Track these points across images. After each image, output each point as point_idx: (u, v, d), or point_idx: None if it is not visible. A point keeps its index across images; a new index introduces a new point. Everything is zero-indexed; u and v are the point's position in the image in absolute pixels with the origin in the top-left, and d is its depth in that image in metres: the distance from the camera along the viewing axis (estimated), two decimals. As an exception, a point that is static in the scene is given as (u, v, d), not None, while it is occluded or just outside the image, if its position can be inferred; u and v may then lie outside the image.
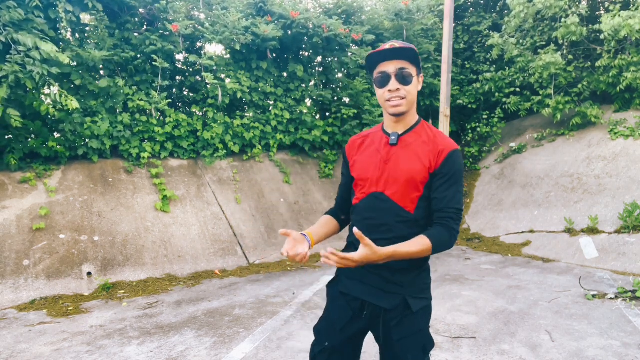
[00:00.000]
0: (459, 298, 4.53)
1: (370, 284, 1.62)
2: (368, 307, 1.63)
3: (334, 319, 1.68)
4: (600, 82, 7.89)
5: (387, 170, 1.59)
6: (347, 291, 1.67)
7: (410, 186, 1.57)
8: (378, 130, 1.72)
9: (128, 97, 6.24)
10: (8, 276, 4.56)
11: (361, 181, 1.66)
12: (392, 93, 1.54)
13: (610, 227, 6.12)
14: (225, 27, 6.83)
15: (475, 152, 9.85)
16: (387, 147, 1.62)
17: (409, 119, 1.64)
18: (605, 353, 3.19)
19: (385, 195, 1.59)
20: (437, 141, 1.60)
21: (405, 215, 1.58)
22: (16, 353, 3.31)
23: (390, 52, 1.52)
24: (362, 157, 1.68)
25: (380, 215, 1.60)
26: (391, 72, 1.53)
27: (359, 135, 1.78)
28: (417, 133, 1.63)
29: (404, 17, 9.19)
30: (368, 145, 1.70)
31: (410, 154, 1.59)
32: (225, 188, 6.82)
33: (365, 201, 1.64)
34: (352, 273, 1.66)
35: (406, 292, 1.61)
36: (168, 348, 3.37)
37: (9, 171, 5.46)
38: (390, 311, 1.60)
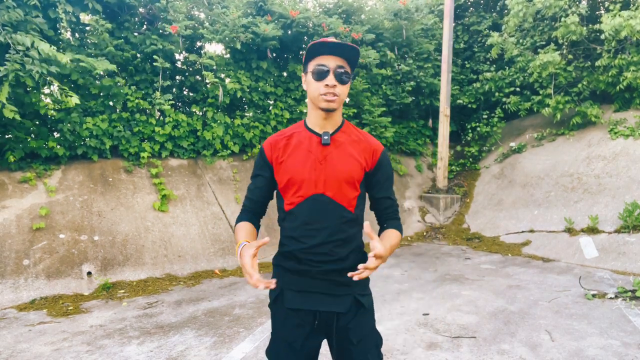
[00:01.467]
0: (459, 298, 4.53)
1: (318, 291, 1.57)
2: (320, 316, 1.57)
3: (290, 339, 1.58)
4: (600, 81, 7.89)
5: (323, 170, 1.55)
6: (295, 306, 1.58)
7: (349, 186, 1.56)
8: (301, 130, 1.63)
9: (127, 96, 6.24)
10: (8, 276, 4.56)
11: (294, 184, 1.56)
12: (328, 88, 1.50)
13: (610, 227, 6.12)
14: (225, 26, 6.83)
15: (475, 152, 9.86)
16: (319, 147, 1.57)
17: (336, 118, 1.61)
18: (605, 353, 3.19)
19: (327, 197, 1.54)
20: (367, 140, 1.63)
21: (347, 215, 1.56)
22: (16, 353, 3.31)
23: (335, 46, 1.49)
24: (292, 159, 1.58)
25: (323, 218, 1.54)
26: (331, 67, 1.50)
27: (280, 135, 1.65)
28: (345, 132, 1.62)
29: (403, 16, 9.19)
30: (295, 145, 1.60)
31: (345, 154, 1.57)
32: (225, 188, 6.82)
33: (305, 204, 1.55)
34: (296, 285, 1.58)
35: (355, 291, 1.59)
36: (168, 348, 3.37)
37: (9, 171, 5.46)
38: (344, 314, 1.57)
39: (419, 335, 3.56)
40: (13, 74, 4.58)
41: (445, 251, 6.87)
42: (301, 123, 1.66)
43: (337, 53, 1.50)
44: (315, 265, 1.55)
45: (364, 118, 8.30)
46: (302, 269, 1.57)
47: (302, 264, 1.57)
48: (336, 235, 1.54)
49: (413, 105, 9.86)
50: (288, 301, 1.59)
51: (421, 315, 4.03)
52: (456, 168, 9.84)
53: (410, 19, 9.34)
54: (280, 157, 1.60)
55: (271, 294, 1.64)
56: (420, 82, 9.40)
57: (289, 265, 1.61)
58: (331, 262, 1.55)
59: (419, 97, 9.82)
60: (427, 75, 9.48)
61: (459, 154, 10.31)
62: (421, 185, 9.39)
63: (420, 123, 10.22)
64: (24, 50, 4.65)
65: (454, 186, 9.24)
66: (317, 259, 1.54)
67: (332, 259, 1.54)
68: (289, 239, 1.60)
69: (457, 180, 9.42)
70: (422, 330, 3.67)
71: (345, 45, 1.49)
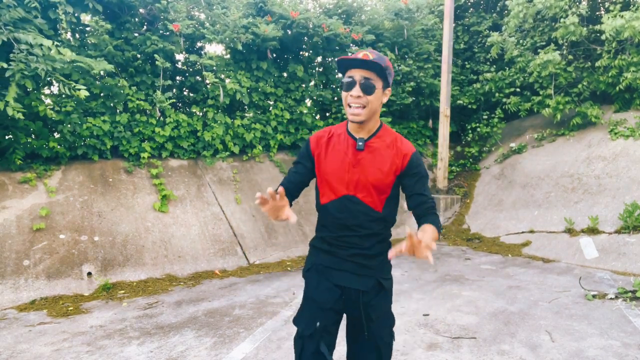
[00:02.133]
0: (459, 298, 4.53)
1: (346, 270, 1.77)
2: (345, 291, 1.77)
3: (321, 300, 1.77)
4: (600, 82, 7.89)
5: (356, 174, 1.72)
6: (326, 278, 1.79)
7: (378, 189, 1.73)
8: (342, 131, 1.79)
9: (128, 97, 6.24)
10: (8, 276, 4.56)
11: (329, 183, 1.75)
12: (354, 99, 1.64)
13: (611, 227, 6.12)
14: (225, 27, 6.83)
15: (475, 152, 9.85)
16: (354, 152, 1.73)
17: (371, 125, 1.75)
18: (605, 353, 3.19)
19: (357, 198, 1.72)
20: (399, 145, 1.77)
21: (374, 214, 1.74)
22: (16, 353, 3.31)
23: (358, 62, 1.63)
24: (330, 158, 1.76)
25: (352, 216, 1.73)
26: (357, 79, 1.64)
27: (324, 131, 1.83)
28: (380, 138, 1.76)
29: (404, 16, 9.19)
30: (334, 144, 1.77)
31: (377, 159, 1.73)
32: (226, 188, 6.82)
33: (337, 203, 1.75)
34: (328, 262, 1.80)
35: (377, 275, 1.79)
36: (168, 348, 3.37)
37: (9, 171, 5.46)
38: (366, 292, 1.76)
39: (419, 336, 3.56)
40: (19, 74, 4.59)
41: (446, 252, 6.87)
42: (344, 124, 1.83)
43: (361, 65, 1.63)
44: (343, 250, 1.77)
45: (364, 118, 8.29)
46: (332, 250, 1.80)
47: (333, 247, 1.80)
48: (363, 231, 1.74)
49: (413, 105, 9.86)
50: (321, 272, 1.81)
51: (421, 316, 4.03)
52: (456, 168, 9.84)
53: (411, 19, 9.34)
54: (321, 153, 1.79)
55: (307, 264, 1.89)
56: (420, 83, 9.40)
57: (321, 246, 1.84)
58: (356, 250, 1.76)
59: (419, 97, 9.82)
60: (427, 75, 9.48)
61: (459, 154, 10.31)
62: (421, 185, 9.38)
63: (421, 123, 10.22)
64: (27, 48, 4.66)
65: (454, 187, 9.24)
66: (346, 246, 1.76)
67: (357, 248, 1.76)
68: (322, 227, 1.83)
69: (457, 181, 9.42)
70: (422, 331, 3.67)
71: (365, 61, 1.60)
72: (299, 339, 1.80)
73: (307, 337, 1.76)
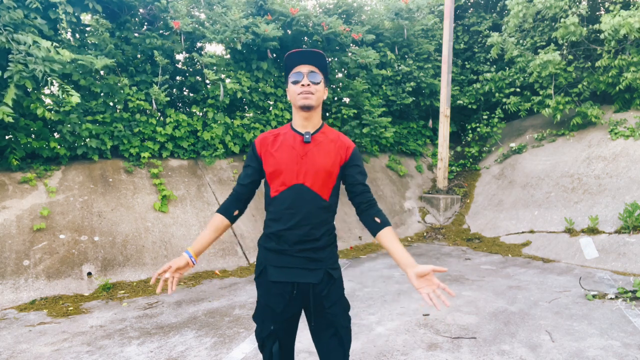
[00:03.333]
0: (459, 298, 4.53)
1: (295, 266, 1.85)
2: (297, 287, 1.85)
3: (273, 305, 1.86)
4: (600, 82, 7.89)
5: (304, 164, 1.83)
6: (276, 279, 1.85)
7: (325, 177, 1.84)
8: (287, 130, 1.92)
9: (128, 96, 6.24)
10: (8, 276, 4.56)
11: (278, 175, 1.84)
12: (304, 87, 1.80)
13: (611, 227, 6.12)
14: (225, 26, 6.83)
15: (475, 153, 9.86)
16: (302, 145, 1.86)
17: (316, 120, 1.90)
18: (606, 353, 3.19)
19: (306, 186, 1.83)
20: (341, 139, 1.93)
21: (322, 202, 1.85)
22: (16, 353, 3.31)
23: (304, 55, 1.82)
24: (278, 153, 1.86)
25: (302, 204, 1.82)
26: (304, 72, 1.82)
27: (269, 133, 1.95)
28: (324, 133, 1.91)
29: (404, 16, 9.19)
30: (281, 142, 1.89)
31: (323, 151, 1.87)
32: (226, 188, 6.82)
33: (287, 192, 1.83)
34: (277, 262, 1.87)
35: (326, 266, 1.87)
36: (168, 348, 3.37)
37: (10, 171, 5.46)
38: (317, 284, 1.85)
39: (419, 336, 3.56)
40: (18, 75, 4.58)
41: (446, 252, 6.87)
42: (288, 125, 1.96)
43: (307, 62, 1.83)
44: (293, 245, 1.83)
45: (364, 118, 8.30)
46: (281, 249, 1.85)
47: (281, 243, 1.85)
48: (312, 219, 1.83)
49: (413, 105, 9.86)
50: (270, 275, 1.87)
51: (421, 316, 4.03)
52: (456, 168, 9.84)
53: (411, 19, 9.34)
54: (268, 150, 1.89)
55: (257, 269, 1.94)
56: (420, 83, 9.40)
57: (270, 246, 1.89)
58: (307, 242, 1.83)
59: (419, 97, 9.82)
60: (427, 75, 9.48)
61: (459, 154, 10.31)
62: (421, 185, 9.39)
63: (421, 123, 10.22)
64: (26, 49, 4.65)
65: (454, 187, 9.24)
66: (294, 239, 1.82)
67: (308, 238, 1.83)
68: (272, 221, 1.88)
69: (457, 181, 9.42)
70: (423, 331, 3.67)
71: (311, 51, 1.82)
72: (258, 336, 1.94)
73: (266, 337, 1.90)
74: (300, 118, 1.88)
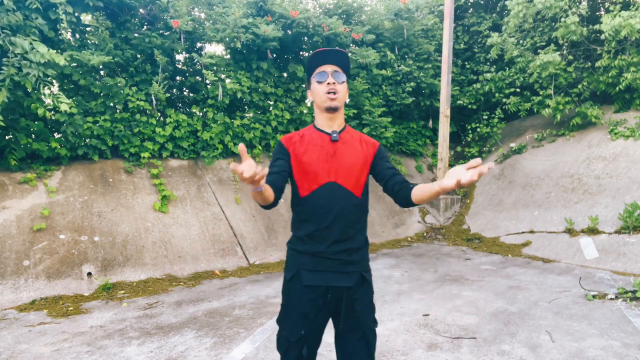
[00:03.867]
0: (459, 298, 4.53)
1: (330, 270, 1.81)
2: (332, 290, 1.82)
3: (306, 310, 1.81)
4: (600, 82, 7.89)
5: (335, 162, 1.82)
6: (310, 283, 1.81)
7: (357, 174, 1.84)
8: (312, 131, 1.91)
9: (128, 97, 6.24)
10: (8, 276, 4.56)
11: (310, 174, 1.82)
12: (330, 86, 1.80)
13: (611, 228, 6.12)
14: (225, 26, 6.83)
15: (475, 153, 9.85)
16: (330, 143, 1.85)
17: (340, 121, 1.90)
18: (606, 353, 3.19)
19: (338, 184, 1.81)
20: (366, 138, 1.96)
21: (355, 200, 1.84)
22: (16, 353, 3.31)
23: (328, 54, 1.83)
24: (307, 152, 1.84)
25: (335, 202, 1.80)
26: (329, 71, 1.82)
27: (293, 134, 1.94)
28: (348, 133, 1.93)
29: (403, 16, 9.19)
30: (308, 142, 1.87)
31: (352, 149, 1.87)
32: (226, 188, 6.82)
33: (319, 191, 1.81)
34: (311, 265, 1.82)
35: (360, 268, 1.86)
36: (168, 348, 3.37)
37: (9, 171, 5.46)
38: (352, 288, 1.83)
39: (419, 336, 3.56)
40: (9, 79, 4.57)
41: (446, 252, 6.87)
42: (310, 127, 1.94)
43: (331, 62, 1.83)
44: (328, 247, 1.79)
45: (364, 118, 8.30)
46: (315, 251, 1.81)
47: (316, 245, 1.81)
48: (347, 217, 1.81)
49: (413, 105, 9.86)
50: (305, 279, 1.82)
51: (421, 316, 4.03)
52: (456, 169, 9.83)
53: (411, 19, 9.34)
54: (296, 149, 1.86)
55: (287, 273, 1.89)
56: (420, 83, 9.40)
57: (303, 248, 1.84)
58: (341, 242, 1.80)
59: (419, 97, 9.82)
60: (427, 75, 9.48)
61: (459, 154, 10.31)
62: (421, 185, 9.38)
63: (421, 124, 10.22)
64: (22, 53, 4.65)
65: (454, 187, 9.23)
66: (331, 238, 1.79)
67: (343, 238, 1.80)
68: (304, 222, 1.84)
69: (457, 181, 9.41)
70: (422, 331, 3.67)
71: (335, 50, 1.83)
72: (284, 340, 1.86)
73: (295, 342, 1.83)
74: (324, 119, 1.87)
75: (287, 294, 1.88)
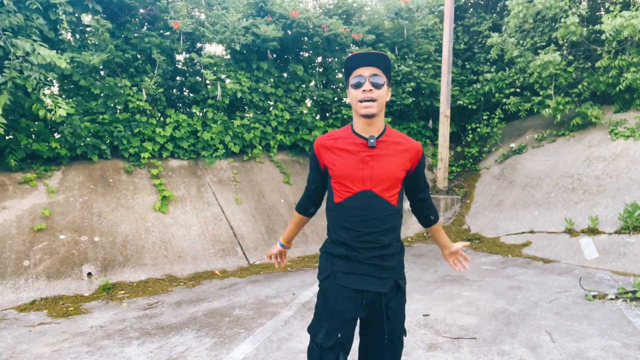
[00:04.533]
0: (459, 298, 4.53)
1: (365, 273, 1.78)
2: (367, 295, 1.78)
3: (342, 310, 1.77)
4: (600, 82, 7.88)
5: (370, 170, 1.76)
6: (346, 284, 1.78)
7: (393, 183, 1.79)
8: (348, 133, 1.83)
9: (128, 97, 6.24)
10: (8, 277, 4.56)
11: (344, 180, 1.78)
12: (365, 94, 1.71)
13: (611, 228, 6.12)
14: (225, 27, 6.83)
15: (475, 153, 9.85)
16: (366, 149, 1.78)
17: (379, 124, 1.80)
18: (606, 354, 3.19)
19: (374, 192, 1.76)
20: (409, 142, 1.85)
21: (390, 208, 1.79)
22: (16, 354, 3.31)
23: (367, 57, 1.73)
24: (341, 158, 1.79)
25: (371, 211, 1.76)
26: (366, 75, 1.72)
27: (327, 136, 1.88)
28: (389, 136, 1.83)
29: (404, 16, 9.19)
30: (343, 146, 1.81)
31: (389, 156, 1.79)
32: (226, 188, 6.82)
33: (355, 199, 1.77)
34: (347, 267, 1.80)
35: (395, 275, 1.83)
36: (168, 348, 3.37)
37: (10, 171, 5.46)
38: (386, 294, 1.80)
39: (419, 336, 3.56)
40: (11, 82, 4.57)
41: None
42: (348, 127, 1.86)
43: (370, 64, 1.72)
44: (363, 252, 1.77)
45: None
46: (350, 255, 1.79)
47: (350, 250, 1.78)
48: (382, 226, 1.77)
49: (413, 106, 9.86)
50: (340, 279, 1.79)
51: (421, 316, 4.03)
52: (456, 169, 9.84)
53: (411, 19, 9.34)
54: (330, 155, 1.82)
55: (322, 273, 1.86)
56: (420, 83, 9.40)
57: (338, 252, 1.82)
58: (376, 249, 1.77)
59: (419, 97, 9.82)
60: (427, 76, 9.48)
61: (459, 154, 10.31)
62: (421, 186, 9.38)
63: (421, 124, 10.22)
64: (23, 55, 4.65)
65: (454, 187, 9.24)
66: (364, 246, 1.76)
67: (377, 246, 1.77)
68: (339, 228, 1.81)
69: (457, 181, 9.42)
70: (423, 331, 3.67)
71: (374, 54, 1.73)
72: (317, 349, 1.79)
73: (327, 349, 1.77)
74: (362, 123, 1.79)
75: (323, 294, 1.84)
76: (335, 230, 1.83)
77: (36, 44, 4.73)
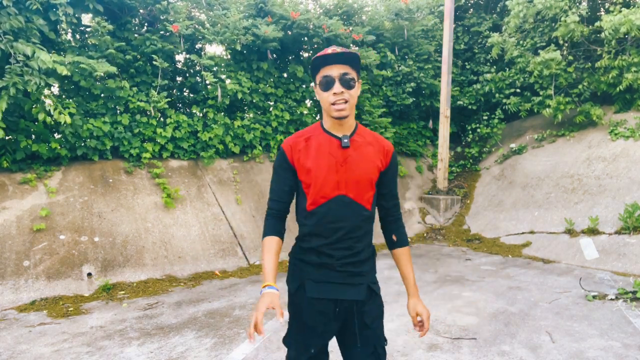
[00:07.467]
0: (459, 299, 4.53)
1: (337, 281, 1.70)
2: (340, 304, 1.71)
3: (312, 325, 1.71)
4: (601, 82, 7.89)
5: (344, 173, 1.66)
6: (317, 295, 1.70)
7: (367, 186, 1.70)
8: (320, 132, 1.71)
9: (129, 98, 6.24)
10: (8, 277, 4.56)
11: (317, 185, 1.65)
12: (337, 96, 1.59)
13: (611, 228, 6.12)
14: (225, 28, 6.84)
15: (475, 153, 9.85)
16: (340, 150, 1.67)
17: (351, 122, 1.71)
18: (606, 354, 3.19)
19: (349, 198, 1.67)
20: (380, 141, 1.76)
21: (365, 213, 1.71)
22: (16, 354, 3.31)
23: (333, 56, 1.59)
24: (314, 160, 1.66)
25: (346, 217, 1.67)
26: (335, 75, 1.59)
27: (298, 137, 1.73)
28: (360, 135, 1.73)
29: (404, 16, 9.20)
30: (316, 147, 1.68)
31: (363, 156, 1.69)
32: (226, 189, 6.82)
33: (328, 205, 1.66)
34: (317, 277, 1.71)
35: (368, 280, 1.76)
36: (168, 349, 3.37)
37: (10, 172, 5.46)
38: (361, 301, 1.73)
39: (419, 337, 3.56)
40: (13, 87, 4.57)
41: (446, 252, 6.86)
42: (317, 125, 1.75)
43: (339, 61, 1.59)
44: (335, 259, 1.69)
45: (364, 119, 8.29)
46: (322, 262, 1.70)
47: (323, 257, 1.69)
48: (356, 232, 1.69)
49: (413, 106, 9.86)
50: (309, 291, 1.70)
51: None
52: (456, 169, 9.84)
53: (411, 20, 9.34)
54: (301, 158, 1.69)
55: (291, 285, 1.77)
56: (420, 83, 9.41)
57: (309, 259, 1.73)
58: (350, 256, 1.69)
59: (419, 98, 9.82)
60: (427, 76, 9.48)
61: (459, 155, 10.31)
62: (421, 186, 9.39)
63: (421, 124, 10.22)
64: (24, 60, 4.64)
65: (454, 187, 9.24)
66: (338, 254, 1.68)
67: (350, 252, 1.69)
68: (311, 236, 1.71)
69: (457, 182, 9.42)
70: (423, 332, 3.67)
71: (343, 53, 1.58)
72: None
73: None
74: (334, 123, 1.69)
75: (293, 307, 1.76)
76: (307, 238, 1.72)
77: (37, 47, 4.72)
